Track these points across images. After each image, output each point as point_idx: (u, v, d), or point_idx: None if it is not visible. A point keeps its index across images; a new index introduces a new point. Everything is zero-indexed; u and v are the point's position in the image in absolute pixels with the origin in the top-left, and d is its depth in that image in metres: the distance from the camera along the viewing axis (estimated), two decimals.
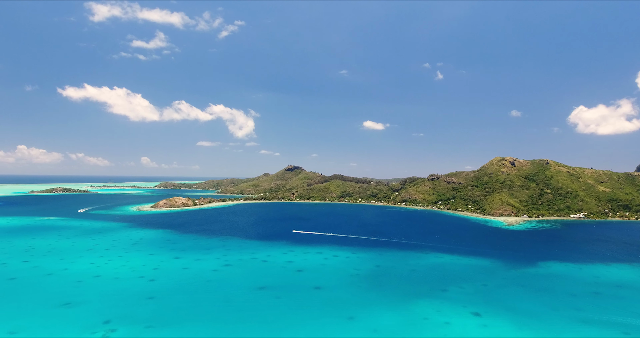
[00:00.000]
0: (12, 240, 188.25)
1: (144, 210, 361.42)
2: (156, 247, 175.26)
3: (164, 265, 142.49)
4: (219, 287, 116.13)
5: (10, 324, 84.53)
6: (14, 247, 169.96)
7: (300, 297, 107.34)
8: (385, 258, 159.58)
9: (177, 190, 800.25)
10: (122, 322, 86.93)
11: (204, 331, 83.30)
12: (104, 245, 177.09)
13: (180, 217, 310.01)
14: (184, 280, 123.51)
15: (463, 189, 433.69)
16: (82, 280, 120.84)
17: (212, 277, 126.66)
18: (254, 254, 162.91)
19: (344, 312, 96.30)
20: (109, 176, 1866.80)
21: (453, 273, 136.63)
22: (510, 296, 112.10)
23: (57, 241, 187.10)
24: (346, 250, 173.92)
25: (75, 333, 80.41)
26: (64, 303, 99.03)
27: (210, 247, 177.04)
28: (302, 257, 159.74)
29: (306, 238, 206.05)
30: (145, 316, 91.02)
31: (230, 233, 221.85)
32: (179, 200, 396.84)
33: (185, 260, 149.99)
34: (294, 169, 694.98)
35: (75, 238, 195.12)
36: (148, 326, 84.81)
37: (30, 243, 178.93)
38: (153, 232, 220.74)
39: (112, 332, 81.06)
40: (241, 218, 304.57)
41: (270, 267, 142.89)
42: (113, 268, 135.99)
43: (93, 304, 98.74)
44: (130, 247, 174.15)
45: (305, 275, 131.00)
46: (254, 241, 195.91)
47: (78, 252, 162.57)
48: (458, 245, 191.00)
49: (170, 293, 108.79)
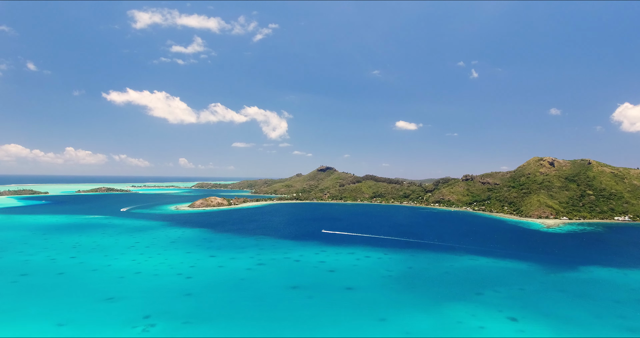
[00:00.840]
0: (61, 237, 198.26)
1: (181, 209, 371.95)
2: (193, 246, 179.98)
3: (200, 263, 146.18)
4: (253, 285, 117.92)
5: (59, 317, 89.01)
6: (62, 244, 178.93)
7: (332, 297, 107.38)
8: (418, 260, 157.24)
9: (212, 190, 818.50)
10: (161, 317, 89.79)
11: (238, 328, 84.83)
12: (144, 243, 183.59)
13: (215, 216, 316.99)
14: (219, 278, 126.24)
15: (499, 190, 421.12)
16: (124, 276, 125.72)
17: (246, 276, 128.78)
18: (286, 254, 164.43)
19: (375, 313, 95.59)
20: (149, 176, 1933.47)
21: (488, 277, 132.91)
22: (549, 301, 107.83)
23: (101, 238, 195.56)
24: (378, 251, 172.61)
25: (117, 327, 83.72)
26: (107, 298, 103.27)
27: (244, 246, 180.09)
28: (334, 257, 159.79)
29: (338, 239, 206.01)
30: (183, 312, 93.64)
31: (264, 232, 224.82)
32: (215, 200, 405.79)
33: (221, 259, 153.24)
34: (326, 169, 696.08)
35: (118, 236, 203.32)
36: (185, 322, 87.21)
37: (77, 240, 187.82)
38: (190, 231, 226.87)
39: (151, 327, 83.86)
40: (274, 218, 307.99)
41: (303, 266, 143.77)
42: (153, 265, 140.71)
43: (134, 299, 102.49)
44: (168, 245, 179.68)
45: (337, 276, 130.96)
46: (286, 241, 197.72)
47: (120, 249, 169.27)
48: (494, 248, 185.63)
49: (206, 291, 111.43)
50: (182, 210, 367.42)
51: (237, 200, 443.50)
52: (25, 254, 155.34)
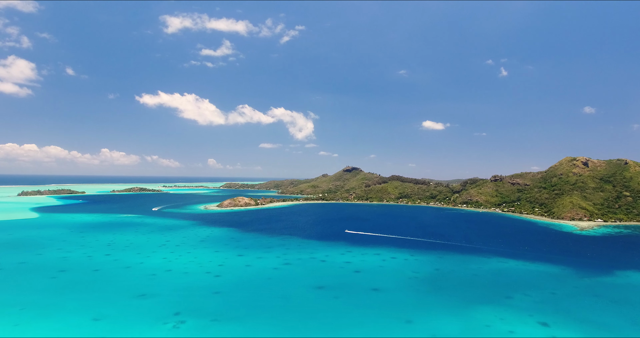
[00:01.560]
0: (97, 235, 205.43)
1: (210, 209, 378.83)
2: (221, 245, 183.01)
3: (228, 261, 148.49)
4: (279, 284, 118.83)
5: (95, 312, 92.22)
6: (98, 241, 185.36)
7: (358, 298, 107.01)
8: (445, 262, 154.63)
9: (240, 190, 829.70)
10: (190, 314, 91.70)
11: (264, 327, 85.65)
12: (174, 242, 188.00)
13: (243, 216, 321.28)
14: (247, 276, 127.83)
15: (529, 191, 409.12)
16: (155, 273, 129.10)
17: (273, 275, 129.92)
18: (312, 254, 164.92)
19: (402, 314, 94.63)
20: (179, 177, 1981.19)
21: (518, 280, 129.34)
22: (583, 306, 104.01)
23: (134, 237, 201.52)
24: (404, 252, 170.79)
25: (149, 323, 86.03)
26: (139, 294, 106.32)
27: (271, 246, 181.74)
28: (360, 258, 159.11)
29: (364, 240, 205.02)
30: (212, 310, 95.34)
31: (290, 232, 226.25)
32: (242, 200, 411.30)
33: (248, 258, 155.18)
34: (352, 169, 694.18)
35: (150, 235, 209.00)
36: (214, 319, 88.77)
37: (112, 238, 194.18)
38: (219, 230, 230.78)
39: (181, 324, 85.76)
40: (300, 218, 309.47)
41: (329, 267, 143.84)
42: (183, 263, 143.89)
43: (165, 296, 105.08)
44: (198, 244, 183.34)
45: (363, 276, 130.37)
46: (312, 241, 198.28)
47: (152, 247, 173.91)
48: (524, 250, 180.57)
49: (234, 289, 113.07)
50: (211, 209, 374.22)
51: (264, 200, 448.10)
52: (64, 251, 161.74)
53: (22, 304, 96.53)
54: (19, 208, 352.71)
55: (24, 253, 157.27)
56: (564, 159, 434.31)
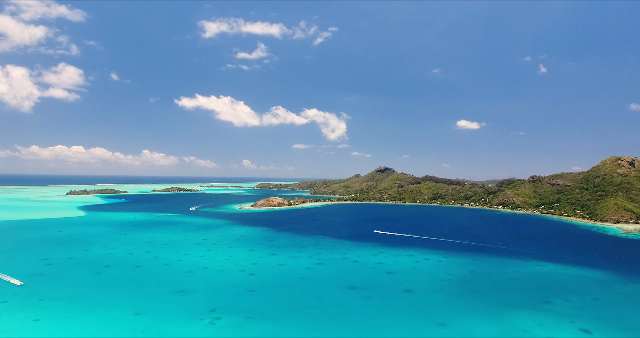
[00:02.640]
0: (138, 233, 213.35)
1: (245, 208, 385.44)
2: (255, 244, 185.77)
3: (262, 260, 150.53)
4: (312, 284, 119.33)
5: (136, 306, 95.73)
6: (139, 239, 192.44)
7: (391, 299, 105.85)
8: (480, 264, 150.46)
9: (273, 190, 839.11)
10: (226, 311, 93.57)
11: (297, 326, 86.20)
12: (211, 240, 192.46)
13: (276, 215, 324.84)
14: (280, 275, 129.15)
15: (570, 192, 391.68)
16: (192, 271, 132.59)
17: (306, 275, 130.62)
18: (345, 254, 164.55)
19: (435, 317, 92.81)
20: (215, 177, 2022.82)
21: (558, 284, 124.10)
22: (628, 314, 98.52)
23: (173, 235, 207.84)
24: (438, 254, 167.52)
25: (186, 319, 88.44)
26: (177, 290, 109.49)
27: (303, 246, 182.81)
28: (393, 258, 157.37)
29: (396, 240, 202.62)
30: (246, 307, 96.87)
31: (323, 232, 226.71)
32: (276, 200, 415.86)
33: (281, 257, 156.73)
34: (385, 170, 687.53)
35: (187, 233, 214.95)
36: (248, 317, 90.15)
37: (152, 236, 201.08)
38: (253, 230, 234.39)
39: (217, 320, 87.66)
40: (333, 219, 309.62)
41: (361, 267, 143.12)
42: (218, 261, 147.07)
43: (201, 293, 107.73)
44: (233, 243, 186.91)
45: (396, 278, 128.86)
46: (345, 241, 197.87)
47: (190, 245, 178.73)
48: (564, 254, 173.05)
49: (268, 288, 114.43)
50: (246, 209, 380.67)
51: (297, 200, 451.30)
52: (108, 248, 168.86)
53: (70, 297, 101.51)
54: (67, 207, 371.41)
55: (72, 249, 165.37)
56: (607, 158, 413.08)
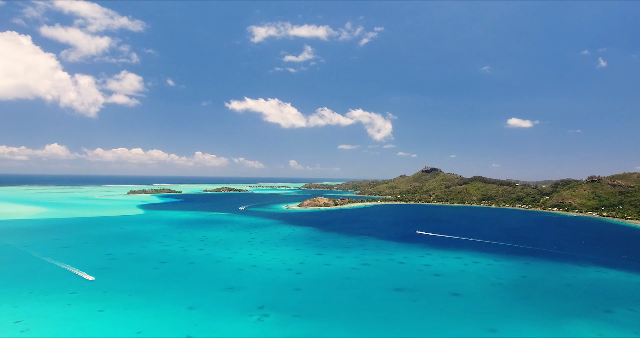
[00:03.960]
0: (192, 231, 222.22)
1: (291, 208, 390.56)
2: (302, 243, 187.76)
3: (308, 260, 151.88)
4: (357, 284, 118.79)
5: (190, 301, 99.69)
6: (192, 237, 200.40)
7: (437, 302, 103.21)
8: (533, 269, 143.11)
9: (319, 190, 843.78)
10: (273, 308, 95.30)
11: (343, 326, 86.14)
12: (259, 239, 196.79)
13: (322, 216, 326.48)
14: (326, 275, 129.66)
15: (634, 194, 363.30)
16: (242, 268, 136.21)
17: (351, 275, 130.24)
18: (391, 255, 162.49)
19: (484, 322, 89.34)
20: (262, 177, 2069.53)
21: (620, 293, 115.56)
22: None
23: (223, 233, 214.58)
24: (487, 257, 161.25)
25: (236, 315, 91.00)
26: (228, 287, 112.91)
27: (349, 246, 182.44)
28: (440, 261, 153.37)
29: (443, 242, 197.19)
30: (293, 305, 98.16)
31: (368, 233, 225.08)
32: (322, 200, 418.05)
33: (327, 257, 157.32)
34: (431, 170, 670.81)
35: (237, 232, 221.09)
36: (295, 315, 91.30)
37: (204, 234, 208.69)
38: (299, 229, 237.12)
39: (265, 317, 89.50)
40: (378, 219, 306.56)
41: (407, 269, 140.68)
42: (266, 260, 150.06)
43: (250, 290, 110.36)
44: (280, 242, 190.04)
45: (443, 280, 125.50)
46: (390, 242, 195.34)
47: (239, 243, 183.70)
48: (628, 260, 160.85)
49: (314, 287, 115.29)
50: (292, 209, 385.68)
51: (343, 200, 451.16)
52: (164, 245, 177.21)
53: (130, 290, 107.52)
54: (128, 206, 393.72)
55: (132, 245, 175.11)
56: None
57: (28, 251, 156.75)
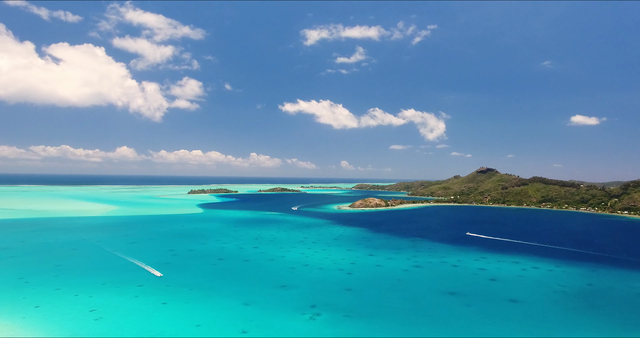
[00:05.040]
0: (247, 229, 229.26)
1: (343, 209, 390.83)
2: (353, 244, 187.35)
3: (359, 260, 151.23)
4: (409, 287, 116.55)
5: (245, 297, 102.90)
6: (247, 235, 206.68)
7: (493, 308, 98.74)
8: (600, 276, 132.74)
9: (370, 191, 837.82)
10: (325, 308, 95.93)
11: (394, 327, 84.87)
12: (311, 239, 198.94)
13: (374, 216, 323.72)
14: (377, 276, 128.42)
15: None
16: (294, 267, 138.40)
17: (403, 277, 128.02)
18: (443, 258, 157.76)
19: (545, 331, 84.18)
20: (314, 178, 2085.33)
21: None
22: None
23: (277, 232, 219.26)
24: (548, 262, 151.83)
25: (289, 312, 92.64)
26: (281, 285, 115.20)
27: (400, 247, 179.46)
28: (496, 265, 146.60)
29: (499, 245, 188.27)
30: (344, 305, 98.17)
31: (420, 234, 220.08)
32: (373, 201, 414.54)
33: (378, 258, 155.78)
34: (487, 171, 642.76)
35: (290, 231, 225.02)
36: (346, 315, 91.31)
37: (259, 233, 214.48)
38: (350, 230, 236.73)
39: (317, 316, 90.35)
40: (431, 221, 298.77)
41: (461, 272, 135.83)
42: (318, 259, 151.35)
43: (302, 289, 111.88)
44: (332, 242, 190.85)
45: (499, 286, 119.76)
46: (443, 244, 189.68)
47: (292, 243, 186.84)
48: None
49: (365, 288, 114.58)
50: (344, 209, 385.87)
51: (394, 201, 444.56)
52: (222, 242, 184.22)
53: (191, 285, 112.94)
54: (188, 205, 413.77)
55: (193, 242, 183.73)
56: None
57: (101, 245, 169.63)
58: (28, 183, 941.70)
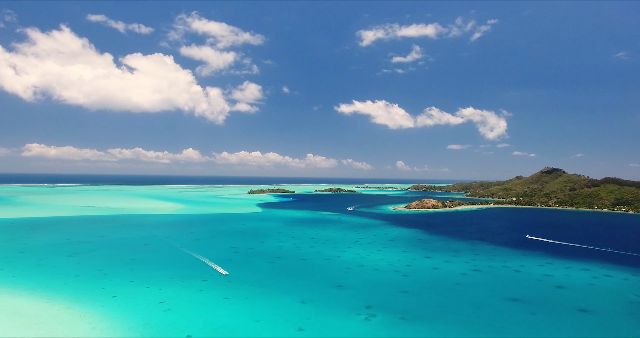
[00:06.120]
0: (303, 229, 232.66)
1: (398, 209, 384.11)
2: (409, 245, 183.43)
3: (415, 262, 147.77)
4: (468, 291, 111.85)
5: (302, 295, 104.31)
6: (304, 234, 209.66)
7: (561, 317, 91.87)
8: None
9: (427, 192, 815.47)
10: (380, 309, 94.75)
11: (452, 332, 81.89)
12: (366, 239, 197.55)
13: (430, 218, 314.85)
14: (434, 279, 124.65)
15: None
16: (350, 267, 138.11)
17: (461, 281, 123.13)
18: (505, 262, 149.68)
19: None
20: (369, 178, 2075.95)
21: None
22: None
23: (333, 232, 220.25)
24: (623, 270, 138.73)
25: (344, 312, 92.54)
26: (336, 285, 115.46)
27: (458, 250, 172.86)
28: (563, 271, 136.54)
29: (567, 251, 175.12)
30: (400, 308, 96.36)
31: (480, 237, 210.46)
32: (430, 201, 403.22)
33: (435, 260, 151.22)
34: (552, 171, 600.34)
35: (345, 231, 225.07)
36: (402, 318, 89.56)
37: (315, 233, 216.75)
38: (406, 231, 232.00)
39: (372, 317, 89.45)
40: (492, 223, 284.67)
41: (524, 278, 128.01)
42: (374, 260, 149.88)
43: (358, 289, 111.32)
44: (387, 243, 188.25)
45: (567, 294, 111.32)
46: (505, 248, 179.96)
47: (347, 243, 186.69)
48: None
49: (422, 290, 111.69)
50: (399, 210, 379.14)
51: (452, 202, 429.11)
52: (279, 241, 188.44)
53: (250, 281, 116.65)
54: (248, 204, 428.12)
55: (252, 240, 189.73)
56: None
57: (170, 241, 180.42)
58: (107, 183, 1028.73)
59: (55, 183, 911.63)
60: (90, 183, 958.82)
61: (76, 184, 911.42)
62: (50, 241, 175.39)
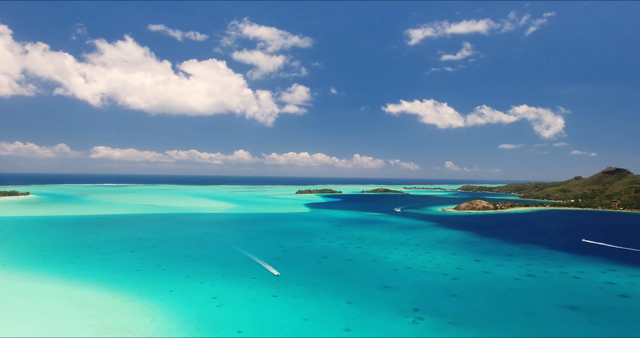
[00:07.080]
0: (350, 229, 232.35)
1: (447, 211, 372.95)
2: (458, 248, 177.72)
3: (465, 265, 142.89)
4: (521, 297, 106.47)
5: (348, 296, 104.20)
6: (351, 235, 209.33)
7: (625, 328, 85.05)
8: None
9: (477, 193, 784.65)
10: (428, 312, 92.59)
11: None
12: (414, 241, 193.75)
13: (481, 220, 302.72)
14: (484, 283, 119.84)
15: None
16: (397, 269, 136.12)
17: (514, 286, 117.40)
18: (562, 268, 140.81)
19: None
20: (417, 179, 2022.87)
21: None
22: None
23: (380, 233, 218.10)
24: None
25: (391, 314, 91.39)
26: (383, 286, 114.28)
27: (511, 254, 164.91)
28: (628, 279, 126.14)
29: (633, 257, 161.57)
30: (448, 312, 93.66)
31: (535, 241, 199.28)
32: (480, 203, 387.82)
33: (486, 264, 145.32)
34: (616, 171, 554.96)
35: (392, 232, 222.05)
36: (450, 322, 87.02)
37: (362, 233, 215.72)
38: (456, 233, 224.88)
39: (420, 320, 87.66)
40: (548, 226, 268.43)
41: (583, 285, 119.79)
42: (421, 262, 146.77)
43: (405, 291, 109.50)
44: (435, 245, 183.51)
45: (633, 303, 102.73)
46: (562, 253, 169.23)
47: (394, 244, 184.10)
48: None
49: (472, 295, 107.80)
50: (448, 211, 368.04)
51: (504, 204, 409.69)
52: (326, 241, 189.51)
53: (298, 280, 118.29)
54: (297, 204, 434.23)
55: (300, 239, 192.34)
56: None
57: (222, 240, 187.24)
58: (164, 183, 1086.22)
59: (119, 183, 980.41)
60: (149, 183, 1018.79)
61: (137, 184, 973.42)
62: (115, 237, 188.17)
